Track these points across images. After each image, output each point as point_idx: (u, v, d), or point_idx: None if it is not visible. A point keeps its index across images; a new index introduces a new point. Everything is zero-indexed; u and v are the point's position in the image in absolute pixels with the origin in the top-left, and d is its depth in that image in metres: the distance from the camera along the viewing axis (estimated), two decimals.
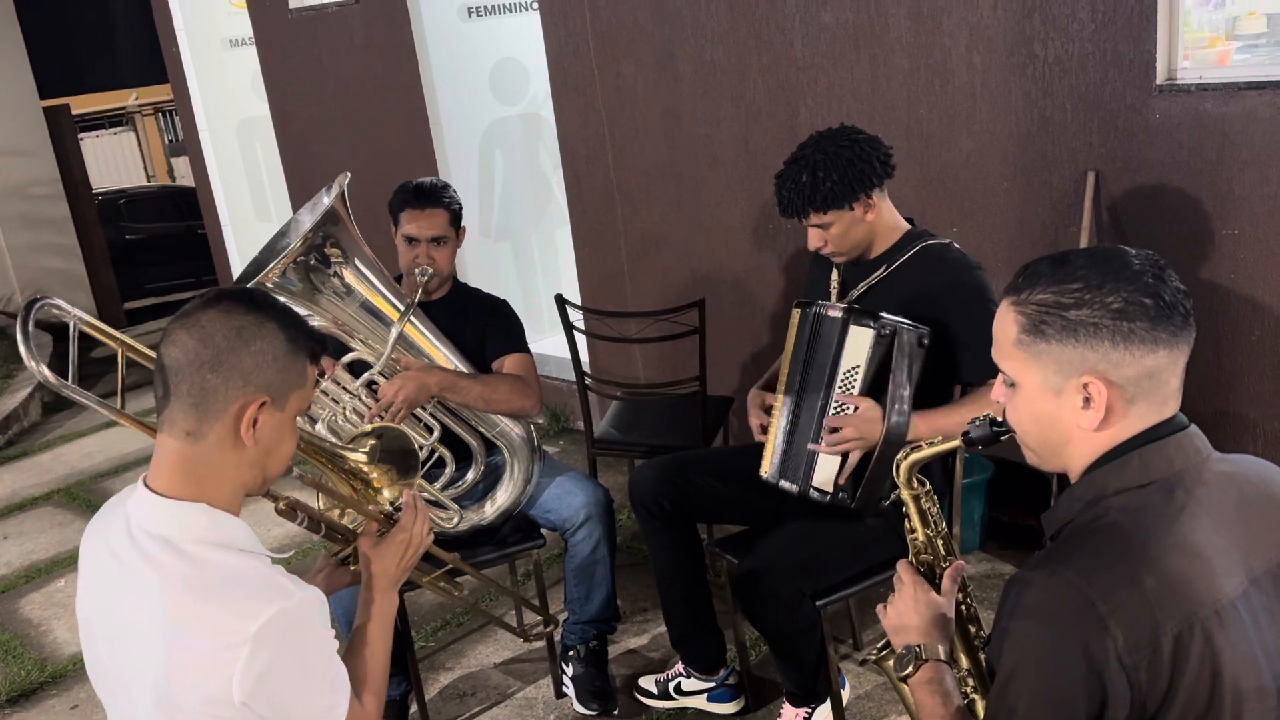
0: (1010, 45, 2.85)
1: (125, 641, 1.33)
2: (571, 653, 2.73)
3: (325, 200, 2.31)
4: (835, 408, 2.21)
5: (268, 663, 1.25)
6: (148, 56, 6.09)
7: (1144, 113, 2.67)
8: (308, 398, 1.41)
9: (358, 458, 1.76)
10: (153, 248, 10.29)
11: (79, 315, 1.69)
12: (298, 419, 1.41)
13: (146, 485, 1.35)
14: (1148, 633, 1.11)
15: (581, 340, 3.32)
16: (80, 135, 10.26)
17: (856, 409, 2.17)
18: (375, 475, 1.77)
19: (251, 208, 6.30)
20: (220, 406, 1.31)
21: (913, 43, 3.03)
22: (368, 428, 1.85)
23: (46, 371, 1.66)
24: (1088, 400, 1.21)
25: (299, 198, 5.49)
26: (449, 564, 2.21)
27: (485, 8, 4.70)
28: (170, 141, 15.25)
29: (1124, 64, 2.67)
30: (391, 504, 1.71)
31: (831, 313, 2.25)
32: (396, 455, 1.80)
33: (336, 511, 1.74)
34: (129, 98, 15.63)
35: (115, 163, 15.04)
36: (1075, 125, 2.79)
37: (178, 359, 1.30)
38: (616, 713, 2.70)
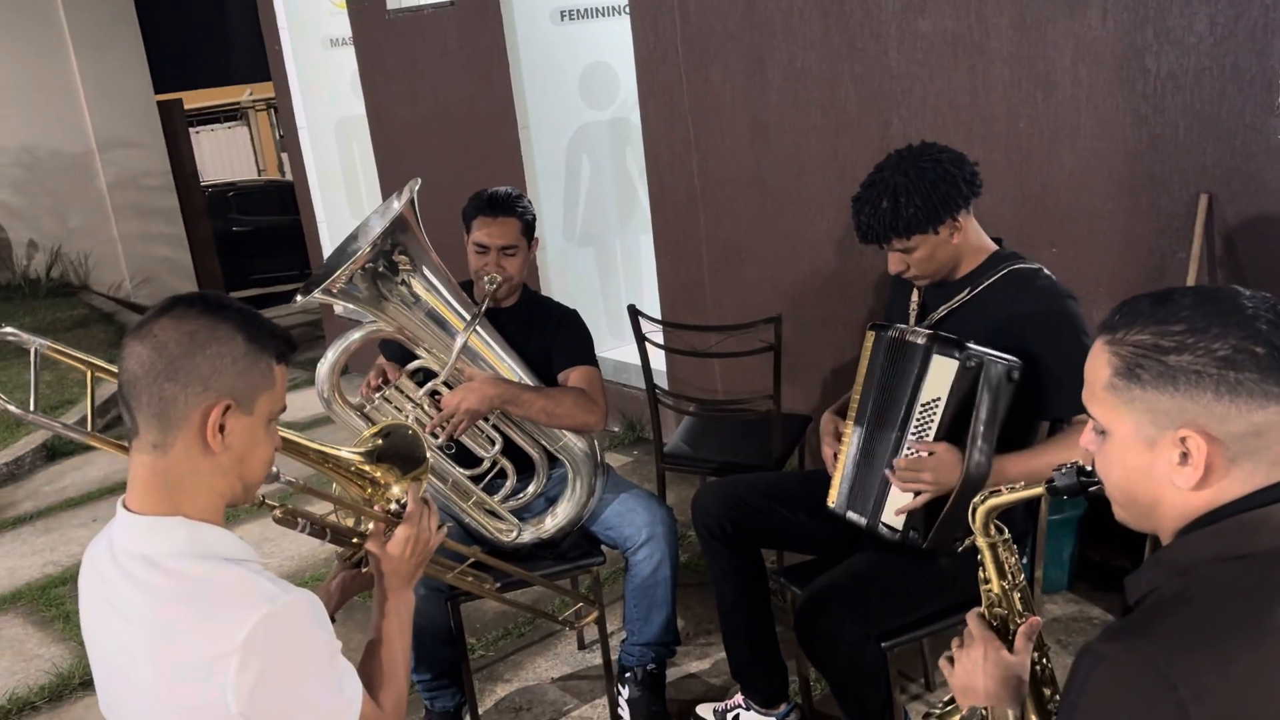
0: (1120, 58, 2.67)
1: (121, 665, 1.30)
2: (629, 674, 2.66)
3: (395, 206, 2.29)
4: (910, 446, 2.09)
5: (260, 670, 1.21)
6: (260, 54, 6.24)
7: (1264, 132, 2.48)
8: (279, 399, 1.35)
9: (355, 458, 1.72)
10: (259, 240, 10.65)
11: (40, 342, 1.68)
12: (274, 422, 1.36)
13: (125, 506, 1.31)
14: None
15: (659, 352, 3.25)
16: (194, 129, 10.65)
17: (932, 454, 2.04)
18: (379, 473, 1.73)
19: (346, 205, 6.40)
20: (181, 414, 1.26)
21: (1014, 53, 2.88)
22: (373, 429, 1.81)
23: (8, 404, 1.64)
24: (1185, 455, 1.08)
25: None
26: (470, 558, 2.14)
27: (577, 11, 4.67)
28: (281, 137, 15.75)
29: (1244, 80, 2.48)
30: (398, 501, 1.66)
31: (913, 338, 2.12)
32: (400, 456, 1.75)
33: (351, 520, 1.70)
34: (244, 93, 16.17)
35: (227, 156, 15.59)
36: (1188, 144, 2.61)
37: (134, 371, 1.26)
38: None
